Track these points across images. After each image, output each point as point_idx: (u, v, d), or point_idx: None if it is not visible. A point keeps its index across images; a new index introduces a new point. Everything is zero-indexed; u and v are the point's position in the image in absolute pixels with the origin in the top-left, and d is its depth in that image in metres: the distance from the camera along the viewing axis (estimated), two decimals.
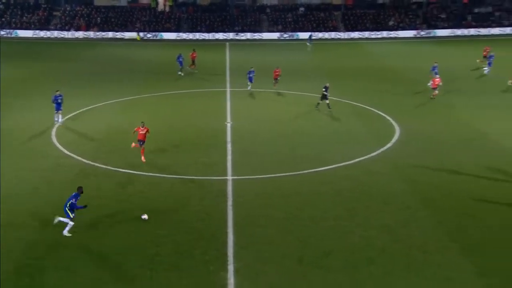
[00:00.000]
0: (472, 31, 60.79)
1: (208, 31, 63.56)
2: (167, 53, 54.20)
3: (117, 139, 25.82)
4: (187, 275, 14.61)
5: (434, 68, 36.21)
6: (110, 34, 62.94)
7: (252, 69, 35.87)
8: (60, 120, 27.98)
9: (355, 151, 23.73)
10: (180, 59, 41.36)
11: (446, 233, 16.56)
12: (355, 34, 61.75)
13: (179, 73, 41.29)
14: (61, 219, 16.48)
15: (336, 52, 53.03)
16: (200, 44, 59.59)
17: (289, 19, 65.22)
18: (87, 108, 31.40)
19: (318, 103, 30.65)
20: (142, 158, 22.72)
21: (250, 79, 35.50)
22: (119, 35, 62.95)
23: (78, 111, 30.45)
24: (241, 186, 20.37)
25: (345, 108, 31.38)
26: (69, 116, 29.36)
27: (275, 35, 62.39)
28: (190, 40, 62.36)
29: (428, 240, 16.11)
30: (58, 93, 28.01)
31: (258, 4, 68.28)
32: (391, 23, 63.49)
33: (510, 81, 33.69)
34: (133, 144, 23.06)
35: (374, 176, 21.16)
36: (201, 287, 14.13)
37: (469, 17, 62.88)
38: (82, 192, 16.76)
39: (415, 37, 60.73)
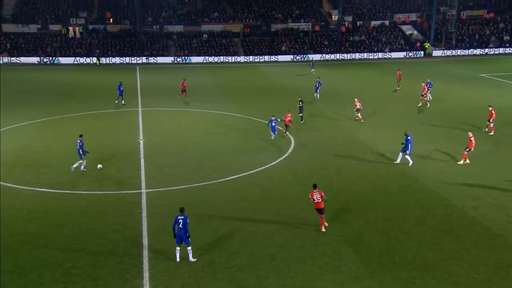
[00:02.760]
0: (349, 56, 64.98)
1: (119, 56, 61.71)
2: (78, 75, 51.91)
3: (30, 159, 24.16)
4: (104, 284, 14.00)
5: (318, 83, 39.38)
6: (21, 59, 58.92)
7: (273, 118, 27.81)
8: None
9: (258, 160, 24.21)
10: (121, 88, 36.66)
11: (333, 227, 17.41)
12: (253, 58, 63.48)
13: (117, 102, 36.63)
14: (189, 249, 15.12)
15: (237, 73, 53.94)
16: (111, 68, 57.71)
17: (194, 45, 65.32)
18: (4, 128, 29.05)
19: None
20: None
21: (273, 129, 27.43)
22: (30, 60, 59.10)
23: None
24: (155, 198, 19.94)
25: (246, 123, 31.95)
26: None
27: (169, 59, 61.76)
28: (106, 64, 60.07)
29: (319, 234, 16.83)
30: None
31: (165, 31, 67.58)
32: (283, 48, 65.89)
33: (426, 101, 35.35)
34: None
35: (275, 181, 21.75)
36: None
37: (346, 44, 67.10)
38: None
39: (301, 60, 63.50)
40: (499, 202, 19.11)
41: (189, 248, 15.12)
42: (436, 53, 65.76)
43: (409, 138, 23.21)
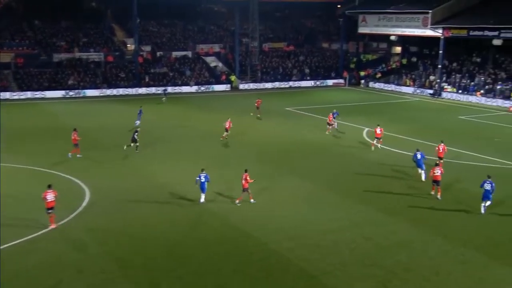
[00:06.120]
0: (152, 90, 65.97)
1: None
2: None
3: None
4: None
5: (139, 112, 43.24)
6: None
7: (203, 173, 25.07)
8: None
9: (43, 219, 22.28)
10: None
11: None
12: (31, 94, 59.55)
13: None
14: None
15: (9, 113, 49.51)
16: None
17: None
18: None
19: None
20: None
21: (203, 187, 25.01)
22: None
23: None
24: None
25: (23, 174, 29.36)
26: None
27: None
28: None
29: None
30: None
31: None
32: (70, 82, 63.45)
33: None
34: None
35: (66, 244, 20.42)
36: None
37: (147, 77, 68.04)
38: None
39: (99, 96, 62.56)
40: (314, 241, 21.21)
41: None
42: (243, 86, 71.46)
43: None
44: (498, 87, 60.35)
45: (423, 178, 28.76)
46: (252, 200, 25.31)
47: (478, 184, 25.96)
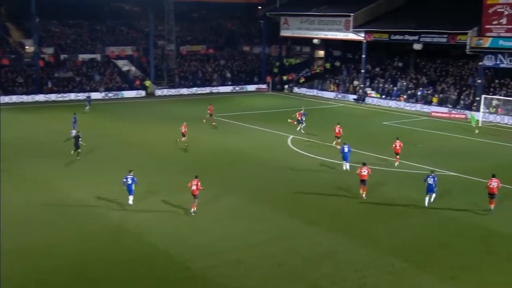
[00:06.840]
0: (53, 97, 63.53)
1: None
2: None
3: None
4: None
5: (74, 120, 42.80)
6: None
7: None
8: None
9: None
10: None
11: None
12: None
13: None
14: None
15: None
16: None
17: None
18: None
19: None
20: None
21: None
22: None
23: None
24: None
25: None
26: None
27: None
28: None
29: None
30: None
31: None
32: None
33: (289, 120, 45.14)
34: None
35: None
36: None
37: (49, 83, 65.41)
38: None
39: None
40: (237, 256, 21.18)
41: None
42: (159, 92, 70.45)
43: None
44: (419, 92, 63.57)
45: (347, 168, 32.79)
46: (193, 210, 25.38)
47: (403, 190, 27.04)
